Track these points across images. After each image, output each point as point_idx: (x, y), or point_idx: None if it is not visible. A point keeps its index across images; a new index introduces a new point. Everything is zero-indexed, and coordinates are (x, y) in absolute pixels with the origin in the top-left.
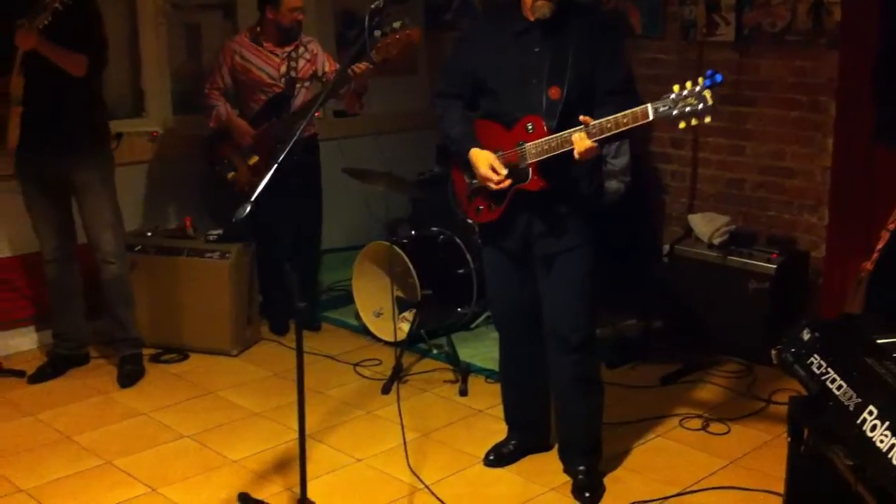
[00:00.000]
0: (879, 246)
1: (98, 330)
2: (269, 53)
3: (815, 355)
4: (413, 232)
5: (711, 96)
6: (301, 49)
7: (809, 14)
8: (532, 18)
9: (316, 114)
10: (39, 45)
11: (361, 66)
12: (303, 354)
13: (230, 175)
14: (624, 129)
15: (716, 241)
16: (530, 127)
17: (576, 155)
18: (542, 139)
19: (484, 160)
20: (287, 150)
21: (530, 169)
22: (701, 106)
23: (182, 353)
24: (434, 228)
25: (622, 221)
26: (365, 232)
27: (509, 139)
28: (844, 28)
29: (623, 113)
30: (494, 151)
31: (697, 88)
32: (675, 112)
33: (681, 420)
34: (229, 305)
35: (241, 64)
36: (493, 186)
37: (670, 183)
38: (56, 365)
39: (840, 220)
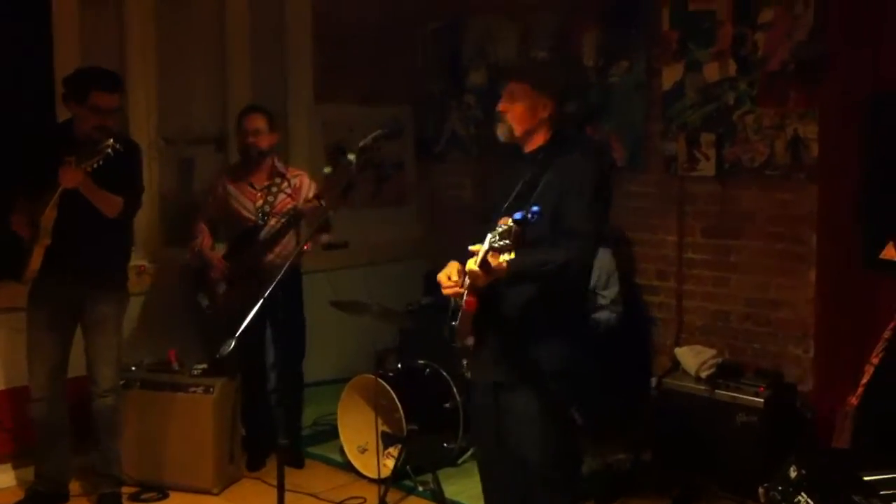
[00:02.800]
0: (864, 381)
1: (80, 463)
2: (247, 186)
3: (803, 493)
4: (399, 365)
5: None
6: (284, 184)
7: (787, 149)
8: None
9: (304, 247)
10: (84, 185)
11: (307, 202)
12: (284, 493)
13: (205, 303)
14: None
15: (703, 375)
16: (472, 249)
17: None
18: None
19: (447, 268)
20: (272, 286)
21: (465, 291)
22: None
23: (162, 492)
24: (420, 361)
25: (614, 353)
26: (353, 364)
27: None
28: (822, 162)
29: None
30: None
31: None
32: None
33: None
34: (212, 441)
35: (223, 196)
36: (443, 291)
37: (657, 314)
38: (34, 502)
39: (826, 352)
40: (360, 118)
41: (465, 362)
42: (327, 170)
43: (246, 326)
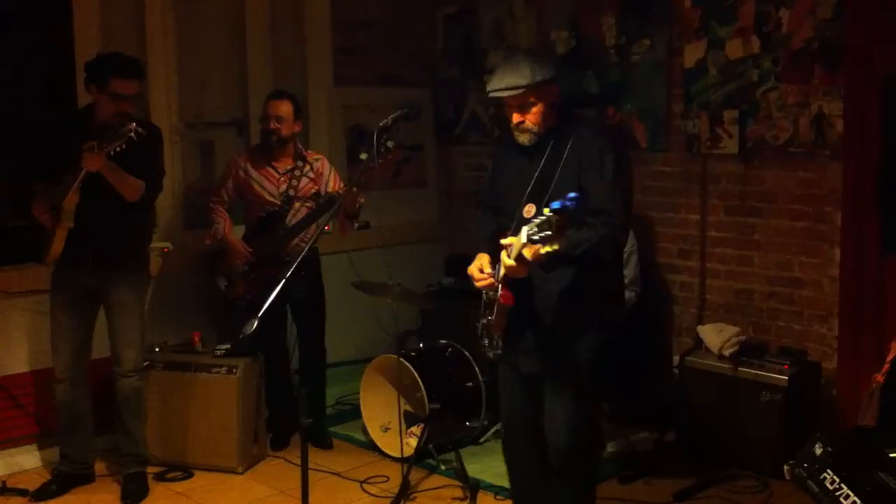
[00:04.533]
0: (890, 357)
1: (105, 444)
2: (270, 170)
3: (828, 470)
4: (421, 345)
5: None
6: (306, 167)
7: (811, 127)
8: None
9: (325, 228)
10: (106, 168)
11: (344, 189)
12: (307, 472)
13: (223, 285)
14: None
15: (726, 353)
16: (504, 243)
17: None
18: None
19: (476, 260)
20: (293, 267)
21: (500, 284)
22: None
23: (187, 471)
24: (442, 341)
25: (632, 333)
26: (374, 345)
27: None
28: (846, 140)
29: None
30: None
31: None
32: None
33: None
34: (236, 421)
35: (245, 179)
36: (476, 284)
37: (679, 294)
38: (60, 483)
39: (850, 330)
40: (379, 101)
41: (486, 342)
42: (363, 155)
43: (268, 307)
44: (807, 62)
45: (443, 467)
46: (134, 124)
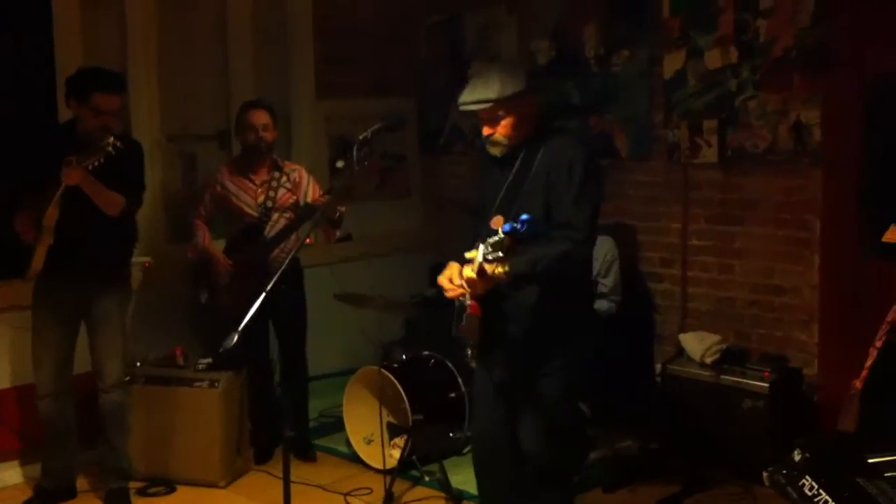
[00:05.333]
0: (868, 363)
1: (88, 458)
2: (247, 182)
3: (807, 476)
4: (404, 356)
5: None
6: (283, 178)
7: (791, 135)
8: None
9: (307, 240)
10: (85, 182)
11: (321, 198)
12: (290, 485)
13: (204, 299)
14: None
15: (708, 360)
16: (467, 256)
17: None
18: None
19: (447, 270)
20: (274, 280)
21: (468, 294)
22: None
23: (170, 486)
24: (425, 352)
25: (615, 341)
26: (357, 357)
27: None
28: (825, 147)
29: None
30: None
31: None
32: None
33: None
34: (219, 435)
35: (222, 193)
36: (446, 294)
37: (661, 302)
38: (42, 499)
39: (830, 336)
40: (363, 112)
41: (469, 352)
42: (340, 163)
43: (249, 320)
44: (786, 71)
45: (426, 478)
46: (112, 139)
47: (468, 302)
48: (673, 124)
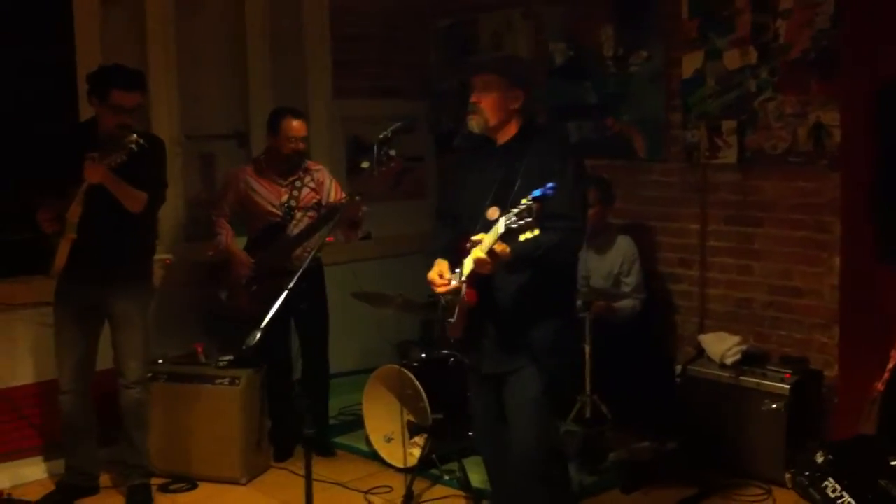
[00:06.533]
0: (890, 366)
1: (110, 456)
2: (272, 182)
3: (830, 478)
4: (423, 355)
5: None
6: (307, 178)
7: (810, 136)
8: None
9: (328, 239)
10: (107, 180)
11: (348, 198)
12: (311, 482)
13: (224, 296)
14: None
15: (728, 362)
16: (469, 247)
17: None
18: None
19: (436, 267)
20: (297, 277)
21: (465, 284)
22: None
23: (191, 482)
24: (444, 351)
25: (635, 342)
26: (376, 355)
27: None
28: (844, 149)
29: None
30: None
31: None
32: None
33: None
34: (239, 432)
35: (246, 192)
36: (436, 290)
37: (680, 303)
38: (65, 493)
39: (851, 338)
40: (378, 112)
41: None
42: (365, 164)
43: (271, 318)
44: (804, 72)
45: (446, 477)
46: (135, 136)
47: (463, 291)
48: (691, 125)
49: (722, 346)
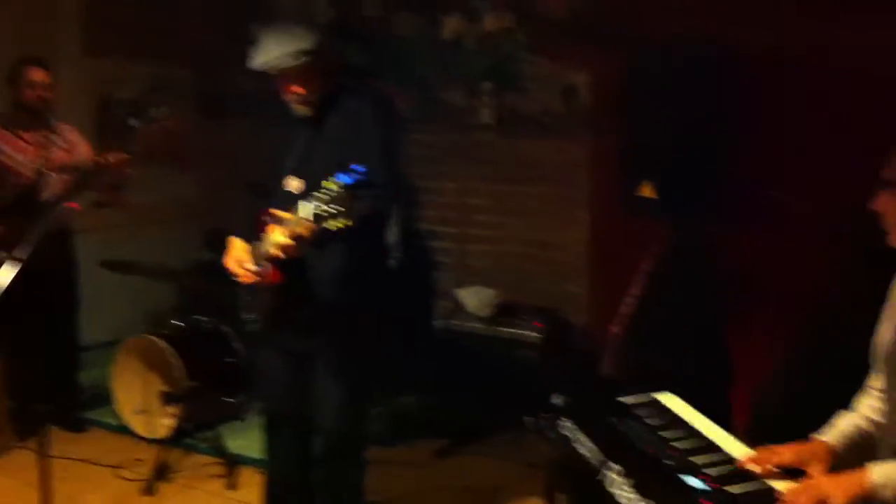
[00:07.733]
0: (625, 311)
1: None
2: (17, 140)
3: (565, 418)
4: (177, 322)
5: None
6: (55, 136)
7: (563, 98)
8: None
9: (73, 205)
10: None
11: (117, 157)
12: (47, 460)
13: None
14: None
15: (484, 314)
16: (269, 220)
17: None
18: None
19: (232, 250)
20: (32, 245)
21: (267, 262)
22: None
23: None
24: (199, 317)
25: (396, 299)
26: (129, 326)
27: None
28: (595, 111)
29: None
30: None
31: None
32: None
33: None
34: None
35: None
36: (240, 280)
37: (442, 259)
38: None
39: (599, 288)
40: (133, 74)
41: (251, 318)
42: (133, 122)
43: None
44: (558, 36)
45: (203, 446)
46: None
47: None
48: (452, 87)
49: (478, 299)
